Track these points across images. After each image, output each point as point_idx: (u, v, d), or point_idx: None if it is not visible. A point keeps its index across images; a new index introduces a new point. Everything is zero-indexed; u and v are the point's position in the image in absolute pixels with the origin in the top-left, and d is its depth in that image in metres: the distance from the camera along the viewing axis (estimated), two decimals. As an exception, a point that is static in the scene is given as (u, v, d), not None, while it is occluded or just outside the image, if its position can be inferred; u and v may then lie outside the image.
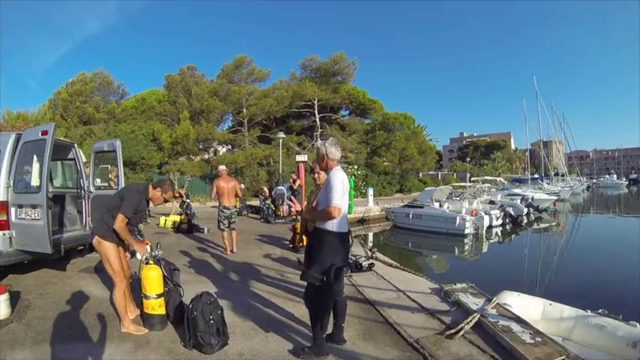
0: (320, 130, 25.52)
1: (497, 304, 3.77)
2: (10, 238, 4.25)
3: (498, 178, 25.27)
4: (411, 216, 14.29)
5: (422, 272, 5.86)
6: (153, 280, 3.16)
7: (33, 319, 3.57)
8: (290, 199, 14.39)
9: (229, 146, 24.99)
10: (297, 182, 12.99)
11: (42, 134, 4.10)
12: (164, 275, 3.27)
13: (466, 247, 12.12)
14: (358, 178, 23.75)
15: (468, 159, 46.31)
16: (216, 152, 25.49)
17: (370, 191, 18.41)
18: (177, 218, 10.42)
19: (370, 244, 10.72)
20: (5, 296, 3.58)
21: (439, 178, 36.69)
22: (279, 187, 14.49)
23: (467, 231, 12.69)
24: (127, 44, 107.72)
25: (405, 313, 3.74)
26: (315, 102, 24.96)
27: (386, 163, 24.88)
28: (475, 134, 70.95)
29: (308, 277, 2.70)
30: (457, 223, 12.75)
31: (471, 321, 3.30)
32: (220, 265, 5.95)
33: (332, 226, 2.66)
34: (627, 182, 66.75)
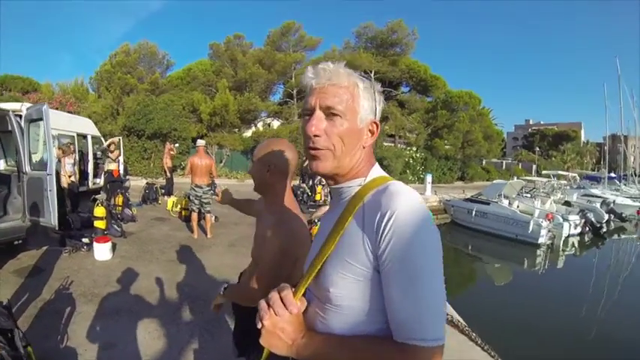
0: (378, 106, 23.11)
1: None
2: None
3: (571, 174, 21.06)
4: (474, 213, 12.45)
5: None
6: None
7: None
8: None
9: (281, 120, 23.51)
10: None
11: None
12: None
13: (537, 260, 10.43)
14: (417, 162, 21.27)
15: (537, 148, 41.18)
16: (269, 125, 24.37)
17: (428, 178, 16.18)
18: (175, 201, 8.04)
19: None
20: None
21: (503, 167, 32.71)
22: None
23: (541, 240, 10.74)
24: (182, 17, 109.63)
25: None
26: (372, 74, 22.54)
27: (447, 147, 22.04)
28: (542, 122, 63.72)
29: None
30: (530, 228, 10.75)
31: None
32: (173, 277, 4.49)
33: None
34: None
